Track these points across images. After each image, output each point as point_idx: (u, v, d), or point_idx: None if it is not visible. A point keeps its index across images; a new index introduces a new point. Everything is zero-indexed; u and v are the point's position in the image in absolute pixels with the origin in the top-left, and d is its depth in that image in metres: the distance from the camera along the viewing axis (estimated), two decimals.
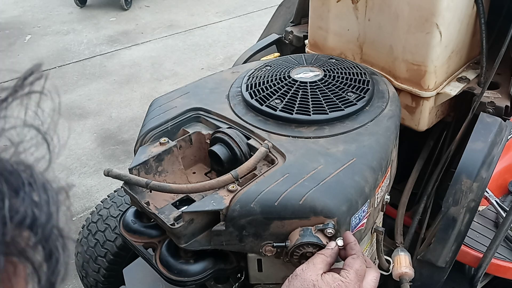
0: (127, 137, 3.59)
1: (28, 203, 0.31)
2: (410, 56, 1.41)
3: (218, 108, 1.24)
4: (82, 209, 2.92)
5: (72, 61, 4.80)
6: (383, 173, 1.10)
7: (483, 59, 1.47)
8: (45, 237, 0.32)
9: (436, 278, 1.39)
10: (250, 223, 0.96)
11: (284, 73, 1.28)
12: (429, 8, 1.32)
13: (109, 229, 1.82)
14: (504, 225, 1.39)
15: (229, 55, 4.82)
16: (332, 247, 0.89)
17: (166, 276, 1.03)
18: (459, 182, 1.31)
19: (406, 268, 1.31)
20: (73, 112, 3.93)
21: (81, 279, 1.96)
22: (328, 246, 0.89)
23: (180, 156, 1.16)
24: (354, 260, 0.86)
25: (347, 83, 1.24)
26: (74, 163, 3.32)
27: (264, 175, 1.02)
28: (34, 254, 0.31)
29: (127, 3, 5.98)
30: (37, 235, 0.31)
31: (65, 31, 5.49)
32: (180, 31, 5.46)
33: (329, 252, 0.88)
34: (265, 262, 1.06)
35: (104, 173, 1.05)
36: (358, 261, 0.85)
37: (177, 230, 0.95)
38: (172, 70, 4.59)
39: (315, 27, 1.64)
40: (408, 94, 1.47)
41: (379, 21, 1.45)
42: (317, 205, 0.94)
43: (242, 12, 5.93)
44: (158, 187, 0.99)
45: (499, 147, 1.33)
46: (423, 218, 1.55)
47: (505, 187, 1.62)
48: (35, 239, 0.31)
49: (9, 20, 5.82)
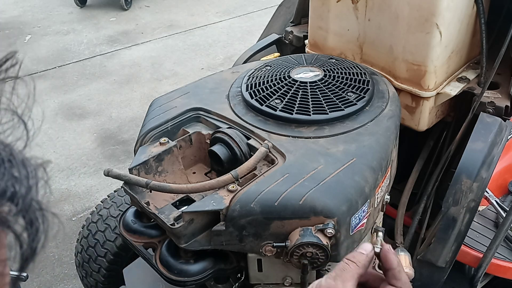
0: (127, 137, 3.59)
1: (8, 177, 0.33)
2: (410, 56, 1.41)
3: (218, 108, 1.24)
4: (82, 209, 2.92)
5: (72, 61, 4.80)
6: (383, 173, 1.10)
7: (483, 59, 1.47)
8: (25, 208, 0.34)
9: (436, 278, 1.39)
10: (250, 223, 0.96)
11: (284, 73, 1.28)
12: (429, 8, 1.32)
13: (109, 229, 1.82)
14: (504, 225, 1.39)
15: (229, 55, 4.81)
16: (368, 252, 0.66)
17: (166, 276, 1.03)
18: (459, 182, 1.31)
19: (406, 268, 1.31)
20: (73, 112, 3.93)
21: (81, 279, 1.95)
22: (361, 250, 0.66)
23: (180, 156, 1.16)
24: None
25: (347, 83, 1.24)
26: (74, 163, 3.32)
27: (264, 175, 1.02)
28: (15, 223, 0.33)
29: (127, 3, 5.98)
30: (17, 206, 0.33)
31: (65, 31, 5.49)
32: (180, 31, 5.45)
33: (363, 260, 0.65)
34: (265, 262, 1.06)
35: (104, 173, 1.05)
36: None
37: (177, 230, 0.95)
38: (172, 70, 4.59)
39: (315, 27, 1.64)
40: (408, 94, 1.47)
41: (379, 21, 1.45)
42: (317, 205, 0.94)
43: (242, 12, 5.93)
44: (158, 187, 0.99)
45: (499, 147, 1.33)
46: (423, 218, 1.55)
47: (505, 187, 1.62)
48: (16, 210, 0.33)
49: (9, 20, 5.81)
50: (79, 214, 2.88)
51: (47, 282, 2.48)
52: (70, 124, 3.76)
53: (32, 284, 2.44)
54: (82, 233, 1.90)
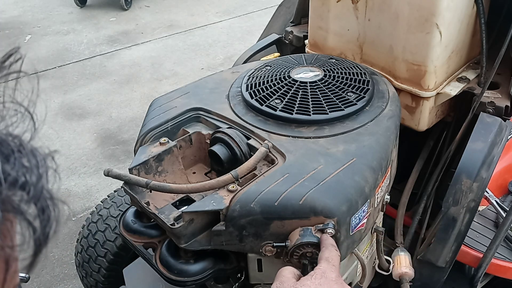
0: (127, 137, 3.59)
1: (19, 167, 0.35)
2: (410, 56, 1.41)
3: (218, 108, 1.24)
4: (82, 209, 2.92)
5: (72, 61, 4.80)
6: (383, 173, 1.10)
7: (483, 59, 1.47)
8: (37, 195, 0.35)
9: (436, 278, 1.39)
10: (250, 223, 0.96)
11: (284, 73, 1.28)
12: (429, 8, 1.32)
13: (109, 229, 1.82)
14: (504, 225, 1.39)
15: (229, 55, 4.82)
16: (334, 243, 0.90)
17: (166, 276, 1.03)
18: (459, 182, 1.31)
19: (406, 268, 1.31)
20: (73, 112, 3.93)
21: (81, 279, 1.96)
22: (331, 242, 0.89)
23: (180, 156, 1.16)
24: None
25: (347, 83, 1.24)
26: (74, 163, 3.32)
27: (264, 175, 1.02)
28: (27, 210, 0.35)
29: (127, 3, 5.98)
30: (29, 194, 0.35)
31: (65, 31, 5.49)
32: (180, 31, 5.46)
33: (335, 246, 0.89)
34: (265, 262, 1.06)
35: (104, 173, 1.05)
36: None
37: (177, 230, 0.95)
38: (172, 70, 4.59)
39: (315, 27, 1.64)
40: (408, 94, 1.47)
41: (379, 21, 1.45)
42: (317, 205, 0.94)
43: (242, 12, 5.93)
44: (158, 187, 0.99)
45: (499, 147, 1.33)
46: (423, 218, 1.55)
47: (505, 187, 1.62)
48: (28, 197, 0.35)
49: (9, 20, 5.82)
50: (79, 214, 2.88)
51: (47, 282, 2.49)
52: (70, 124, 3.76)
53: (32, 284, 2.44)
54: (82, 233, 1.90)
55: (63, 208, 0.37)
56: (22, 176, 0.35)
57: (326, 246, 0.88)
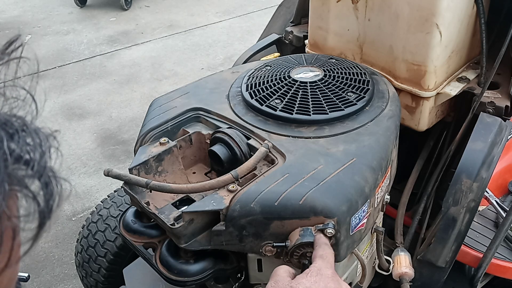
0: (127, 137, 3.59)
1: (23, 144, 0.37)
2: (410, 56, 1.41)
3: (218, 108, 1.24)
4: (82, 209, 2.92)
5: (72, 61, 4.80)
6: (383, 173, 1.10)
7: (483, 59, 1.47)
8: (40, 171, 0.37)
9: (436, 278, 1.39)
10: (250, 223, 0.96)
11: (284, 73, 1.28)
12: (429, 8, 1.32)
13: (109, 229, 1.82)
14: (504, 225, 1.40)
15: (229, 55, 4.81)
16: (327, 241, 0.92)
17: (166, 276, 1.03)
18: (459, 182, 1.31)
19: (406, 268, 1.31)
20: (73, 112, 3.93)
21: (81, 279, 1.96)
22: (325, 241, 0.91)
23: (180, 156, 1.16)
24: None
25: (347, 83, 1.24)
26: (74, 163, 3.32)
27: (264, 175, 1.01)
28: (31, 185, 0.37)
29: (127, 3, 5.98)
30: (33, 169, 0.37)
31: (65, 31, 5.49)
32: (180, 31, 5.45)
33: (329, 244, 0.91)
34: (265, 262, 1.06)
35: (104, 173, 1.05)
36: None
37: (177, 230, 0.95)
38: (172, 70, 4.59)
39: (315, 27, 1.64)
40: (408, 94, 1.47)
41: (379, 21, 1.45)
42: (317, 205, 0.94)
43: (242, 12, 5.93)
44: (158, 187, 0.99)
45: (499, 147, 1.33)
46: (423, 218, 1.55)
47: (505, 187, 1.62)
48: (32, 172, 0.37)
49: (9, 20, 5.82)
50: (79, 214, 2.88)
51: (47, 282, 2.48)
52: (70, 124, 3.76)
53: (32, 284, 2.44)
54: (82, 233, 1.90)
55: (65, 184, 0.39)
56: (26, 153, 0.37)
57: (320, 245, 0.88)
